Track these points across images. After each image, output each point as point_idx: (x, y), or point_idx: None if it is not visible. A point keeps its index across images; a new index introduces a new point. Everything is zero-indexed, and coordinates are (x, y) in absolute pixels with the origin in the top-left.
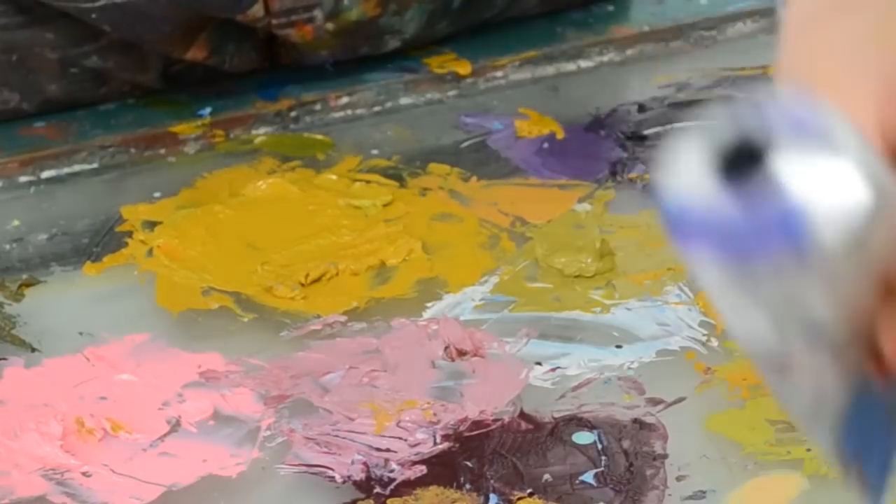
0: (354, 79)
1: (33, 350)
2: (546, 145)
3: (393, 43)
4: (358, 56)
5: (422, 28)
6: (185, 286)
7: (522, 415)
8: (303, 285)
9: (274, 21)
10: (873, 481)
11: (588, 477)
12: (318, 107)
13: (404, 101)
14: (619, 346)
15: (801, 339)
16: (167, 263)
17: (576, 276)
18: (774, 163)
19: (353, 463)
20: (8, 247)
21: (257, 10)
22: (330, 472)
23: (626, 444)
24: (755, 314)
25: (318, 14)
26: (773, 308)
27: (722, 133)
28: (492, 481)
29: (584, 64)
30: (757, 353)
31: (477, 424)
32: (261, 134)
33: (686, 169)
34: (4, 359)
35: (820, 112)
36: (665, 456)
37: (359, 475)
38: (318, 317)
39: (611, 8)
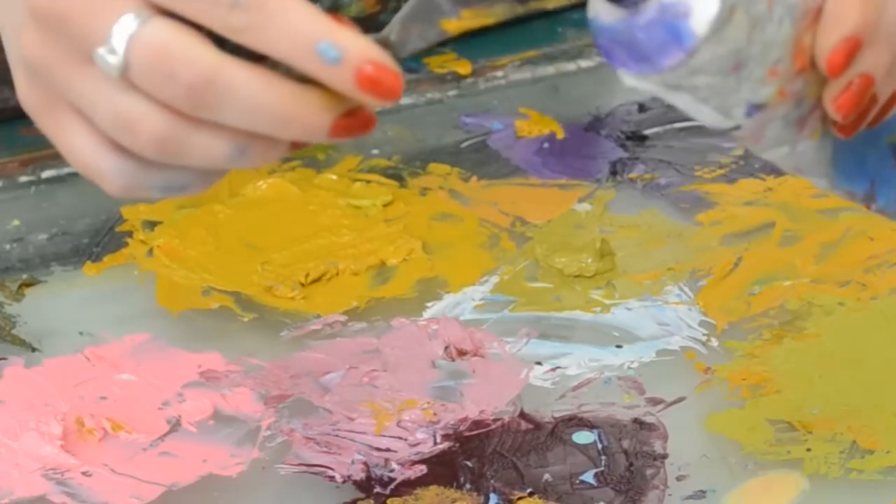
0: None
1: (33, 350)
2: (546, 145)
3: None
4: None
5: None
6: (185, 286)
7: (522, 415)
8: (303, 285)
9: None
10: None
11: (588, 477)
12: None
13: (404, 100)
14: (619, 346)
15: (742, 112)
16: (167, 263)
17: (576, 276)
18: None
19: (353, 463)
20: (8, 247)
21: None
22: (330, 472)
23: (626, 443)
24: (699, 106)
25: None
26: (707, 96)
27: None
28: (492, 481)
29: (584, 64)
30: (727, 133)
31: (477, 424)
32: None
33: (597, 6)
34: (4, 359)
35: None
36: (665, 456)
37: (359, 475)
38: (318, 317)
39: None
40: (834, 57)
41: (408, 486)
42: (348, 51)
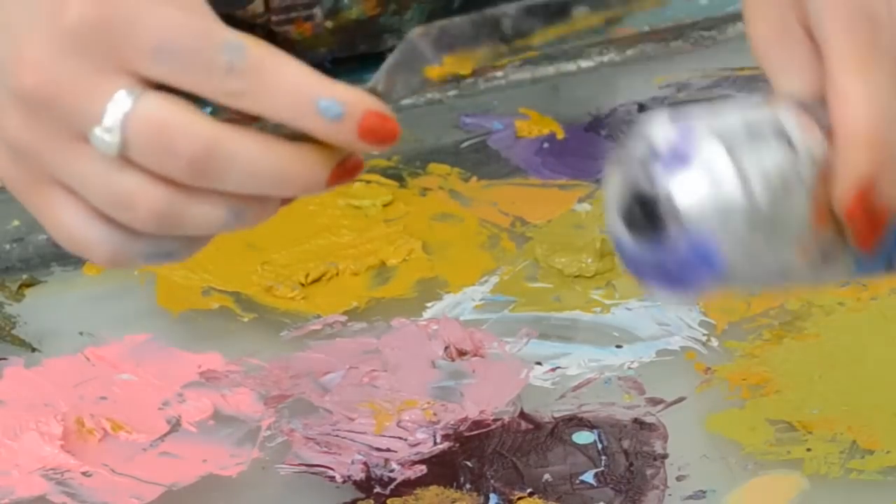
0: (354, 78)
1: (33, 350)
2: (546, 145)
3: (392, 42)
4: (356, 54)
5: None
6: (185, 286)
7: (522, 415)
8: (303, 285)
9: (273, 18)
10: None
11: (588, 477)
12: None
13: (404, 101)
14: (619, 346)
15: (776, 278)
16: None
17: (576, 276)
18: (666, 210)
19: (353, 463)
20: (8, 247)
21: (257, 6)
22: (330, 472)
23: (626, 443)
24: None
25: (317, 12)
26: (739, 276)
27: (621, 189)
28: (492, 481)
29: (584, 64)
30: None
31: (477, 424)
32: None
33: (612, 222)
34: (4, 359)
35: (688, 133)
36: (665, 456)
37: (359, 475)
38: (318, 317)
39: None
40: (851, 211)
41: (408, 486)
42: (350, 105)
